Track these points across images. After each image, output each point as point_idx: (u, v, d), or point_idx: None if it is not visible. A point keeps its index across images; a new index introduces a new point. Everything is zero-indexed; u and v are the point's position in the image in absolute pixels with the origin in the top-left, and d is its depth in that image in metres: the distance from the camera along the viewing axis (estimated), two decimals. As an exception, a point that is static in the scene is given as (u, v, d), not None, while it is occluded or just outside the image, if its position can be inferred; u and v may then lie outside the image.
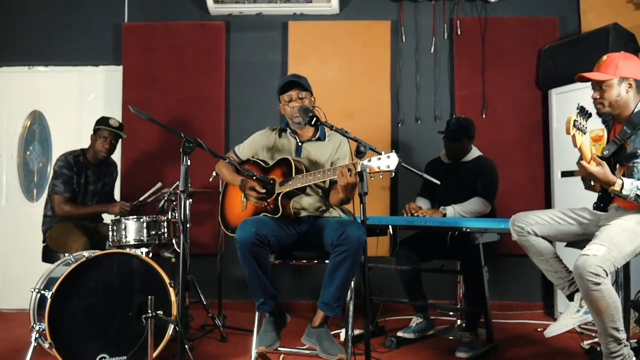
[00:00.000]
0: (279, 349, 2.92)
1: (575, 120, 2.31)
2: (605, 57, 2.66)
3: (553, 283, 2.87)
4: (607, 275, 2.35)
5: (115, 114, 4.64)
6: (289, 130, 3.12)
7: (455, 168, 3.83)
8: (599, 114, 2.71)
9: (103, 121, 3.84)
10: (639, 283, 3.59)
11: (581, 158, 2.41)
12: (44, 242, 3.75)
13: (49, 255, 3.67)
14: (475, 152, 3.83)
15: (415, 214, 3.62)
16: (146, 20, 4.77)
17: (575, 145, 2.36)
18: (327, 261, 2.74)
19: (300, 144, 3.08)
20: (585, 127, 2.38)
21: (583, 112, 2.40)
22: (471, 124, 3.79)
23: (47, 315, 2.72)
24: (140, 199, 3.75)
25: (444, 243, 3.33)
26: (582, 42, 4.19)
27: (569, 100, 4.21)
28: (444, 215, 3.57)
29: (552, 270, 2.78)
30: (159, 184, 3.71)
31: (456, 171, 3.81)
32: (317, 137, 3.10)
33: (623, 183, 2.38)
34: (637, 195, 2.38)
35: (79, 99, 4.88)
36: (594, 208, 2.79)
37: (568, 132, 2.32)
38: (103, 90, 4.88)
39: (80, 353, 2.81)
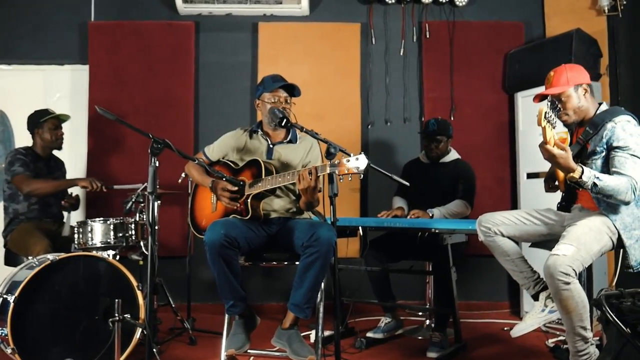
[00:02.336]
0: (248, 351, 2.91)
1: (546, 112, 2.36)
2: (552, 73, 2.76)
3: (519, 283, 2.92)
4: (576, 275, 2.41)
5: (82, 114, 4.57)
6: (260, 132, 3.11)
7: (434, 169, 3.89)
8: (567, 125, 2.79)
9: (43, 113, 3.77)
10: (601, 282, 3.70)
11: (545, 143, 2.45)
12: (5, 245, 3.65)
13: (11, 259, 3.57)
14: (454, 154, 3.92)
15: (409, 216, 3.64)
16: (113, 19, 4.69)
17: (545, 138, 2.40)
18: (297, 263, 2.74)
19: (271, 146, 3.08)
20: (555, 121, 2.44)
21: (554, 106, 2.45)
22: (449, 124, 3.92)
23: (10, 320, 2.65)
24: (115, 186, 3.71)
25: (413, 244, 3.37)
26: (547, 47, 4.29)
27: (534, 103, 4.29)
28: (432, 216, 3.61)
29: (518, 270, 2.83)
30: (140, 185, 3.63)
31: (434, 172, 3.88)
32: (288, 139, 3.11)
33: (583, 170, 2.44)
34: (594, 183, 2.44)
35: (43, 99, 4.77)
36: (558, 208, 2.87)
37: (539, 124, 2.37)
38: (69, 90, 4.79)
39: (45, 358, 2.75)
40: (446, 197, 3.76)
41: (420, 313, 4.29)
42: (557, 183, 2.83)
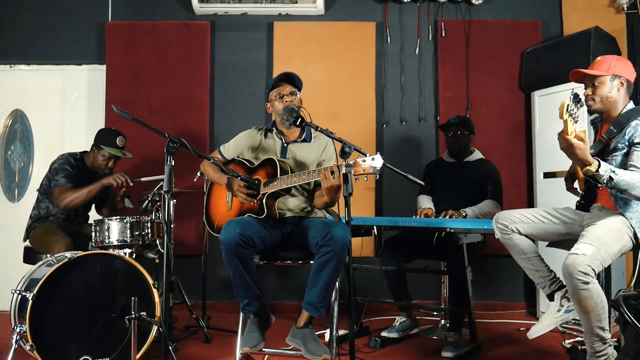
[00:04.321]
0: (263, 349, 2.92)
1: (568, 105, 2.33)
2: (599, 58, 2.74)
3: (534, 282, 2.90)
4: (595, 275, 2.39)
5: (99, 114, 4.61)
6: (275, 131, 3.11)
7: (458, 168, 3.87)
8: (590, 111, 2.75)
9: (109, 140, 3.70)
10: (619, 283, 3.65)
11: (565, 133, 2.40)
12: (25, 240, 3.69)
13: (30, 256, 3.62)
14: (478, 154, 3.91)
15: (442, 216, 3.61)
16: (130, 20, 4.73)
17: (566, 132, 2.37)
18: (311, 262, 2.73)
19: (285, 144, 3.08)
20: (577, 116, 2.41)
21: (576, 99, 2.42)
22: (470, 120, 3.94)
23: (29, 316, 2.69)
24: (142, 179, 3.62)
25: (428, 243, 3.35)
26: (564, 45, 4.24)
27: (551, 102, 4.26)
28: (465, 216, 3.59)
29: (534, 269, 2.81)
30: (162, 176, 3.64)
31: (459, 171, 3.85)
32: (302, 138, 3.10)
33: (600, 164, 2.41)
34: (610, 177, 2.41)
35: (61, 98, 4.83)
36: (577, 207, 2.83)
37: (561, 117, 2.33)
38: (86, 90, 4.84)
39: (63, 355, 2.78)
40: (472, 197, 3.73)
41: (435, 313, 4.27)
42: (576, 183, 2.80)
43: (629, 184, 2.42)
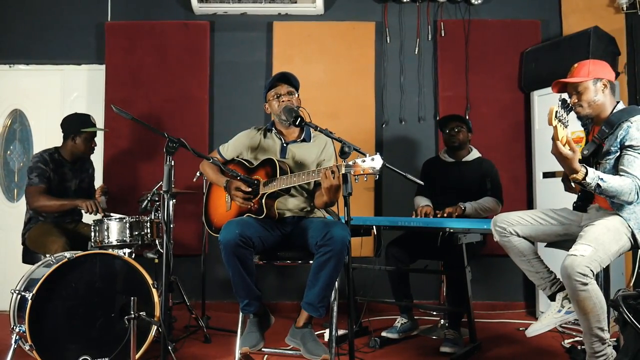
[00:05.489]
0: (263, 349, 2.92)
1: (556, 112, 2.33)
2: (576, 65, 2.75)
3: (535, 283, 2.89)
4: (593, 275, 2.39)
5: (98, 113, 4.60)
6: (274, 131, 3.11)
7: (456, 167, 3.87)
8: (580, 117, 2.77)
9: (84, 122, 3.72)
10: (618, 283, 3.66)
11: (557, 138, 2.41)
12: (23, 243, 3.70)
13: (29, 256, 3.62)
14: (475, 153, 3.91)
15: (439, 214, 3.62)
16: (130, 19, 4.73)
17: (557, 137, 2.38)
18: (311, 262, 2.74)
19: (285, 144, 3.08)
20: (567, 121, 2.41)
21: (565, 105, 2.43)
22: (467, 119, 3.98)
23: (28, 316, 2.69)
24: (112, 215, 3.46)
25: (432, 243, 3.35)
26: (564, 45, 4.25)
27: (550, 102, 4.24)
28: (464, 210, 3.59)
29: (534, 271, 2.81)
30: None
31: (457, 170, 3.85)
32: (302, 138, 3.10)
33: (587, 172, 2.42)
34: (597, 184, 2.43)
35: (61, 98, 4.83)
36: (574, 208, 2.84)
37: (550, 124, 2.34)
38: (86, 90, 4.84)
39: (62, 355, 2.78)
40: (471, 196, 3.73)
41: (434, 312, 4.27)
42: (572, 183, 2.80)
43: (617, 190, 2.44)
